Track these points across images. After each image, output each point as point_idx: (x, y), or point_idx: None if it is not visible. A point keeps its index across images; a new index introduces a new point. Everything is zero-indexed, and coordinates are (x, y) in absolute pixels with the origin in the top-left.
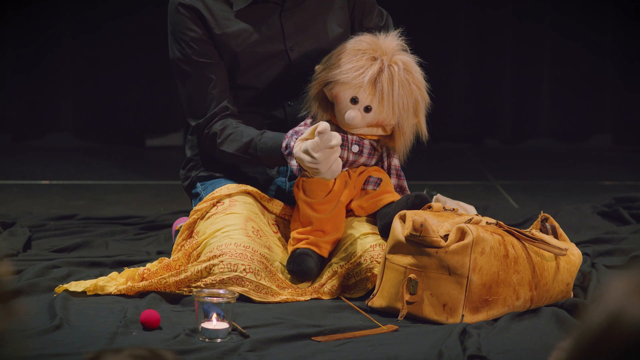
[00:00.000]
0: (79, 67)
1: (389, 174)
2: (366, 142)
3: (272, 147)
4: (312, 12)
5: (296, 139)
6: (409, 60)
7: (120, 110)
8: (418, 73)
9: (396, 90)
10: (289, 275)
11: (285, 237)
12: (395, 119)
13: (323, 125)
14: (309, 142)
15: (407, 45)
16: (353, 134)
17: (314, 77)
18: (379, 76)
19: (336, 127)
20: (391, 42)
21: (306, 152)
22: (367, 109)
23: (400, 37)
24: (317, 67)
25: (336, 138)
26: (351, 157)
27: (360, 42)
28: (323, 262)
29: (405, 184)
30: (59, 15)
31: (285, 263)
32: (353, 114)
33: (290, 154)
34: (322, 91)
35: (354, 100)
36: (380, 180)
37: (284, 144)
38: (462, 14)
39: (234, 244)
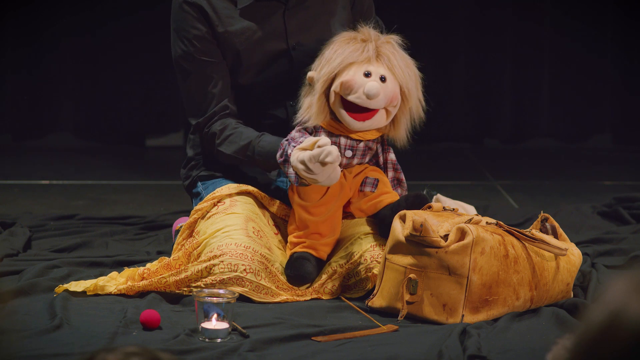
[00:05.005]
0: (79, 67)
1: (386, 168)
2: (361, 145)
3: (270, 151)
4: (316, 11)
5: (294, 146)
6: (394, 42)
7: (120, 110)
8: (404, 52)
9: (400, 60)
10: None
11: (286, 237)
12: (405, 89)
13: (324, 140)
14: (306, 153)
15: (405, 45)
16: (349, 138)
17: (316, 81)
18: (380, 50)
19: (329, 133)
20: (371, 30)
21: (302, 162)
22: (383, 79)
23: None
24: (309, 74)
25: (332, 155)
26: (344, 161)
27: (345, 34)
28: (321, 265)
29: (402, 176)
30: (59, 15)
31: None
32: (373, 84)
33: (287, 161)
34: (323, 96)
35: (367, 74)
36: (377, 180)
37: (278, 153)
38: (462, 13)
39: (235, 244)
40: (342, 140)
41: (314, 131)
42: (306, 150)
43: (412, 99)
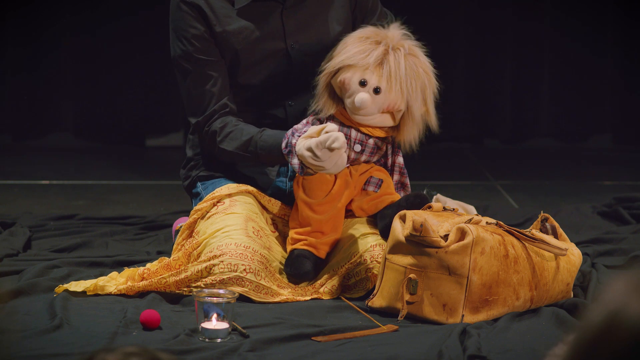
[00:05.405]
0: (79, 67)
1: (392, 171)
2: (371, 141)
3: (273, 144)
4: (314, 10)
5: (298, 136)
6: (414, 46)
7: (120, 110)
8: (424, 58)
9: (403, 70)
10: None
11: (284, 236)
12: (404, 102)
13: (331, 126)
14: (313, 140)
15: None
16: (359, 131)
17: (320, 70)
18: (385, 57)
19: (340, 123)
20: (394, 31)
21: (309, 149)
22: (377, 91)
23: (402, 28)
24: (322, 65)
25: (339, 141)
26: (352, 155)
27: (364, 31)
28: (320, 264)
29: (407, 180)
30: (59, 15)
31: (284, 263)
32: (363, 96)
33: (291, 152)
34: (330, 85)
35: (363, 83)
36: (382, 181)
37: (283, 143)
38: (462, 14)
39: (234, 244)
40: (353, 133)
41: (326, 121)
42: (312, 137)
43: (416, 111)
